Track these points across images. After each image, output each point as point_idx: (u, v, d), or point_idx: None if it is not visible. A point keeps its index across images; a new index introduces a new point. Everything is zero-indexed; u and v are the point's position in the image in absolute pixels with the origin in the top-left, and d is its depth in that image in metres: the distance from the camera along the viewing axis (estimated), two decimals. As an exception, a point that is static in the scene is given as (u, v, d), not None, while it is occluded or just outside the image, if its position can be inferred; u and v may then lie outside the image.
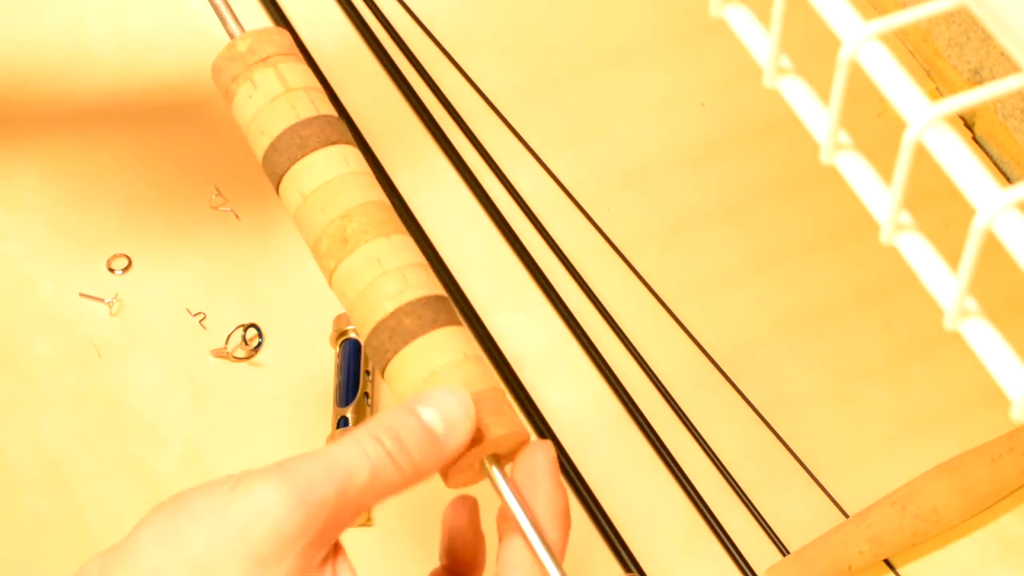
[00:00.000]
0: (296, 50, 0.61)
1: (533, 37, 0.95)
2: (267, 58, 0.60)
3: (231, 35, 0.62)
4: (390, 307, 0.55)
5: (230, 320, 0.82)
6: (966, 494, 0.74)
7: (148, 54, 0.92)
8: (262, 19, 0.94)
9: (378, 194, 0.58)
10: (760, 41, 0.47)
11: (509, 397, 0.80)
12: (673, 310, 0.83)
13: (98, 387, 0.80)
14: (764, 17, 0.48)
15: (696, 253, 0.86)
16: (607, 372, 0.81)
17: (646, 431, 0.79)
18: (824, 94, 0.45)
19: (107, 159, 0.88)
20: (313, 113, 0.58)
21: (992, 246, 0.41)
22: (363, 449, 0.52)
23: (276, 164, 0.58)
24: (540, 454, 0.55)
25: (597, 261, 0.85)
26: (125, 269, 0.84)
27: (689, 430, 0.79)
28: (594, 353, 0.82)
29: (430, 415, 0.53)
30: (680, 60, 0.94)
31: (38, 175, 0.87)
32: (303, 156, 0.57)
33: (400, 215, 0.86)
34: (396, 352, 0.55)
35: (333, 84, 0.91)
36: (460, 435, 0.53)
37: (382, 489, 0.52)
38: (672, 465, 0.78)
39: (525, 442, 0.55)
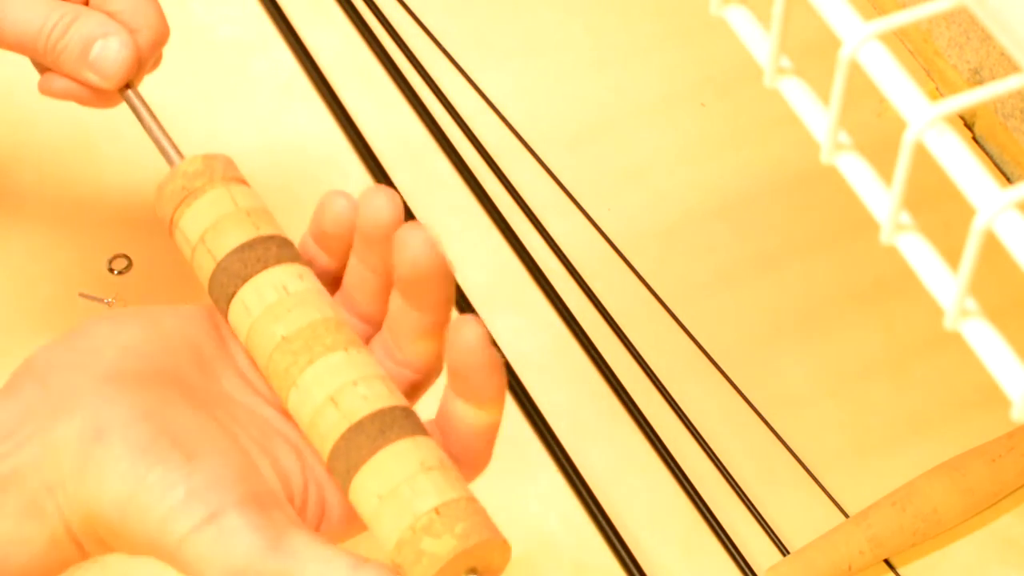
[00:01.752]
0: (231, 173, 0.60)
1: (533, 37, 0.95)
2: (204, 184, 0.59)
3: (171, 163, 0.62)
4: (337, 433, 0.54)
5: (230, 320, 0.82)
6: (966, 494, 0.74)
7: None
8: (262, 19, 0.94)
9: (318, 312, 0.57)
10: (760, 41, 0.47)
11: (509, 399, 0.80)
12: (673, 310, 0.83)
13: (98, 387, 0.80)
14: (764, 17, 0.48)
15: (696, 253, 0.86)
16: (607, 372, 0.81)
17: (646, 431, 0.79)
18: (824, 94, 0.45)
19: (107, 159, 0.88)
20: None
21: (992, 246, 0.41)
22: None
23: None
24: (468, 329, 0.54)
25: (597, 261, 0.85)
26: (125, 269, 0.84)
27: (689, 430, 0.79)
28: (594, 353, 0.81)
29: None
30: (680, 60, 0.94)
31: (38, 175, 0.87)
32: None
33: (400, 215, 0.87)
34: (349, 480, 0.53)
35: (333, 84, 0.92)
36: None
37: None
38: (672, 465, 0.78)
39: (504, 550, 0.53)
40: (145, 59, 0.65)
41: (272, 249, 0.57)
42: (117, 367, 0.54)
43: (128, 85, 0.66)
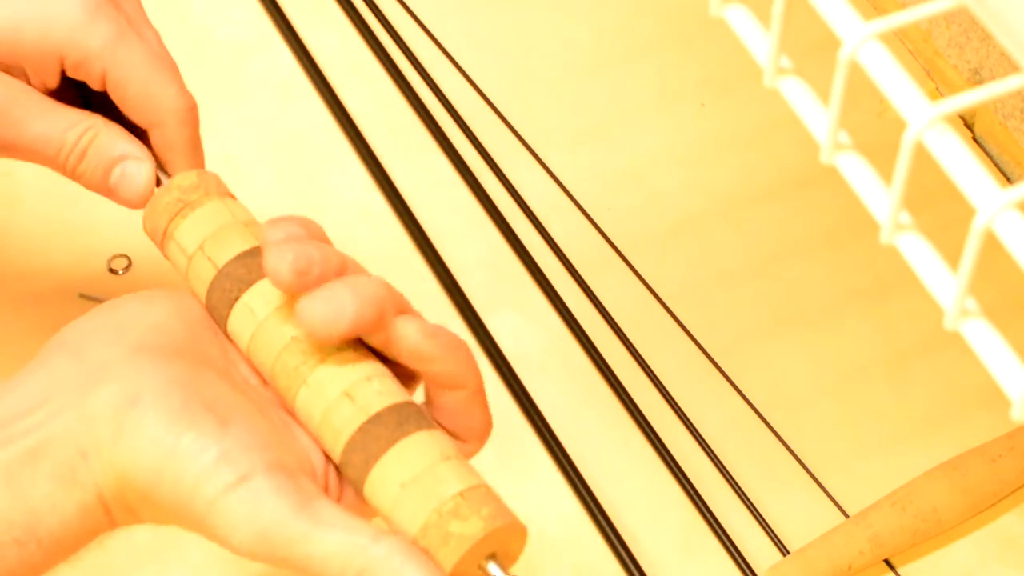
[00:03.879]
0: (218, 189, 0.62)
1: (533, 37, 0.95)
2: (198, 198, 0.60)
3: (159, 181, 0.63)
4: (351, 428, 0.55)
5: (230, 320, 0.82)
6: (966, 494, 0.74)
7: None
8: (262, 19, 0.94)
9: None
10: (760, 41, 0.47)
11: (509, 399, 0.80)
12: (673, 310, 0.83)
13: (98, 387, 0.80)
14: (764, 17, 0.48)
15: (696, 253, 0.86)
16: (607, 372, 0.81)
17: (646, 431, 0.79)
18: (824, 94, 0.45)
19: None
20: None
21: (992, 246, 0.41)
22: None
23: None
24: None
25: (597, 261, 0.85)
26: (125, 269, 0.84)
27: (689, 430, 0.79)
28: (594, 353, 0.81)
29: None
30: (680, 60, 0.94)
31: (38, 175, 0.87)
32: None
33: (400, 215, 0.87)
34: (367, 471, 0.54)
35: (333, 84, 0.92)
36: None
37: None
38: (672, 465, 0.78)
39: (522, 535, 0.54)
40: (186, 145, 0.64)
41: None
42: (148, 340, 0.55)
43: None
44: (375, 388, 0.55)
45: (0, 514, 0.53)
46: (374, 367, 0.56)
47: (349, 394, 0.55)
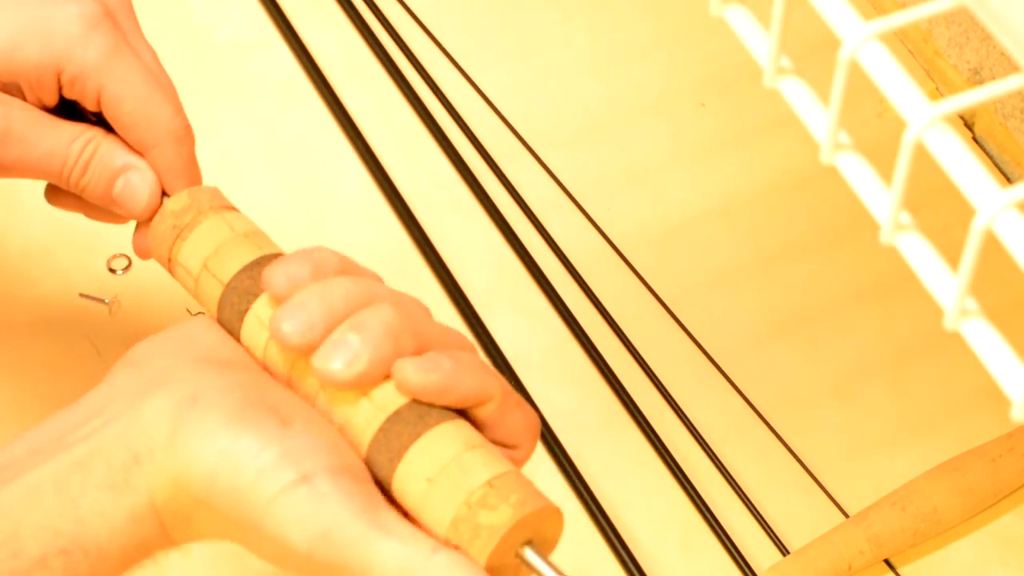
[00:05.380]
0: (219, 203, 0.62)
1: (533, 37, 0.95)
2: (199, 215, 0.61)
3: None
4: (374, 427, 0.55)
5: (230, 320, 0.82)
6: (966, 494, 0.75)
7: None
8: (262, 19, 0.94)
9: None
10: (760, 41, 0.47)
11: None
12: (673, 310, 0.83)
13: (98, 387, 0.80)
14: (764, 17, 0.48)
15: (696, 253, 0.86)
16: (607, 372, 0.81)
17: (646, 431, 0.79)
18: (824, 94, 0.45)
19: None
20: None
21: (992, 246, 0.41)
22: None
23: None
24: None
25: (597, 261, 0.85)
26: (125, 269, 0.84)
27: (689, 430, 0.79)
28: (594, 353, 0.81)
29: None
30: (680, 60, 0.94)
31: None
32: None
33: (400, 215, 0.87)
34: (393, 469, 0.54)
35: (333, 84, 0.92)
36: None
37: None
38: (672, 465, 0.78)
39: (557, 519, 0.53)
40: (183, 166, 0.64)
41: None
42: (210, 353, 0.55)
43: None
44: (392, 385, 0.55)
45: (47, 523, 0.52)
46: None
47: (367, 394, 0.54)
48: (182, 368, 0.54)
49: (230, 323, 0.58)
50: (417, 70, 0.93)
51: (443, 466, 0.52)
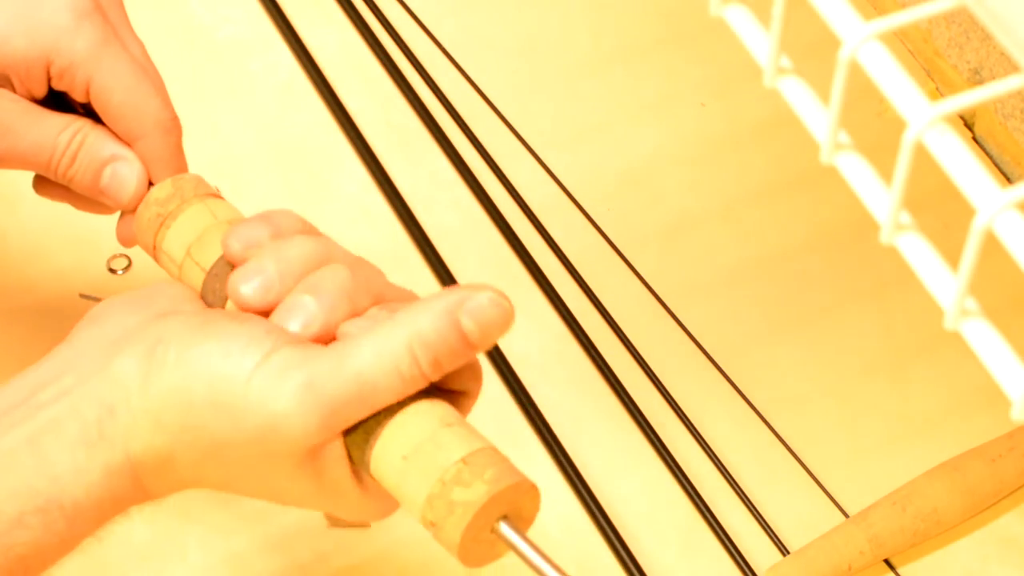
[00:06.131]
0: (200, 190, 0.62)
1: (533, 37, 0.95)
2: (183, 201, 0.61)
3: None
4: None
5: (230, 320, 0.82)
6: (966, 494, 0.75)
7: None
8: (262, 19, 0.94)
9: None
10: (760, 41, 0.47)
11: (509, 399, 0.80)
12: (673, 310, 0.83)
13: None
14: (764, 17, 0.48)
15: (696, 253, 0.86)
16: (607, 372, 0.81)
17: (646, 431, 0.79)
18: (824, 94, 0.45)
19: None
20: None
21: (992, 246, 0.41)
22: (398, 368, 0.52)
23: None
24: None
25: (597, 261, 0.85)
26: (125, 269, 0.84)
27: (689, 430, 0.79)
28: (594, 353, 0.81)
29: (469, 324, 0.52)
30: (680, 60, 0.94)
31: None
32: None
33: (400, 215, 0.87)
34: (370, 449, 0.54)
35: (333, 84, 0.92)
36: (492, 339, 0.53)
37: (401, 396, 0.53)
38: (672, 465, 0.78)
39: (534, 494, 0.53)
40: (170, 157, 0.65)
41: None
42: (170, 308, 0.56)
43: None
44: None
45: (24, 483, 0.53)
46: None
47: None
48: (145, 325, 0.55)
49: (212, 308, 0.58)
50: (417, 70, 0.93)
51: (418, 444, 0.53)
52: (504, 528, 0.52)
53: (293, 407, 0.51)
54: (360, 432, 0.54)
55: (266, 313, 0.55)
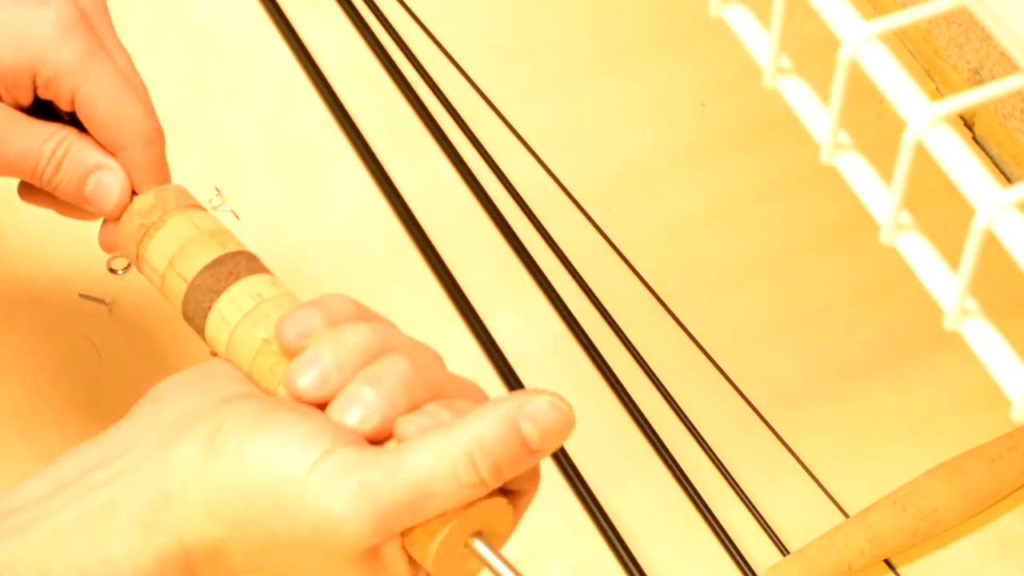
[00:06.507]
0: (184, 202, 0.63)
1: (533, 37, 0.95)
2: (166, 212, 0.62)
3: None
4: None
5: (230, 320, 0.82)
6: (966, 494, 0.75)
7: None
8: (262, 19, 0.94)
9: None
10: (760, 41, 0.47)
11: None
12: (673, 310, 0.83)
13: (98, 387, 0.80)
14: (764, 17, 0.48)
15: (696, 253, 0.86)
16: (607, 372, 0.81)
17: (646, 431, 0.79)
18: (824, 94, 0.45)
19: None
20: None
21: (992, 246, 0.41)
22: (455, 475, 0.51)
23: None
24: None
25: (597, 261, 0.85)
26: (125, 269, 0.84)
27: (689, 430, 0.79)
28: (594, 353, 0.81)
29: (530, 429, 0.51)
30: (680, 60, 0.94)
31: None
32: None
33: (400, 215, 0.87)
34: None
35: (333, 84, 0.91)
36: (553, 445, 0.52)
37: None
38: (672, 465, 0.78)
39: (506, 511, 0.53)
40: (153, 167, 0.65)
41: (242, 262, 0.59)
42: (232, 392, 0.55)
43: None
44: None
45: (75, 563, 0.52)
46: None
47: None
48: (206, 411, 0.54)
49: (194, 320, 0.59)
50: (417, 70, 0.93)
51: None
52: (478, 544, 0.52)
53: (347, 510, 0.51)
54: (421, 531, 0.52)
55: (322, 405, 0.54)
